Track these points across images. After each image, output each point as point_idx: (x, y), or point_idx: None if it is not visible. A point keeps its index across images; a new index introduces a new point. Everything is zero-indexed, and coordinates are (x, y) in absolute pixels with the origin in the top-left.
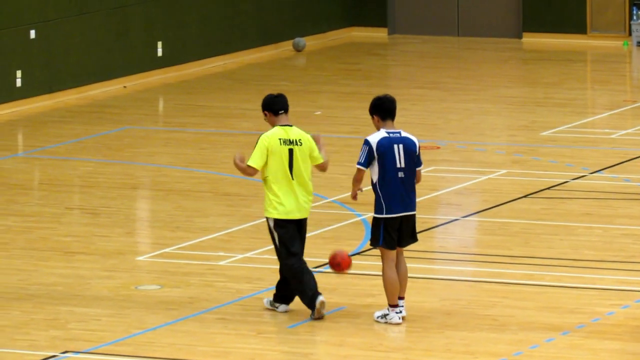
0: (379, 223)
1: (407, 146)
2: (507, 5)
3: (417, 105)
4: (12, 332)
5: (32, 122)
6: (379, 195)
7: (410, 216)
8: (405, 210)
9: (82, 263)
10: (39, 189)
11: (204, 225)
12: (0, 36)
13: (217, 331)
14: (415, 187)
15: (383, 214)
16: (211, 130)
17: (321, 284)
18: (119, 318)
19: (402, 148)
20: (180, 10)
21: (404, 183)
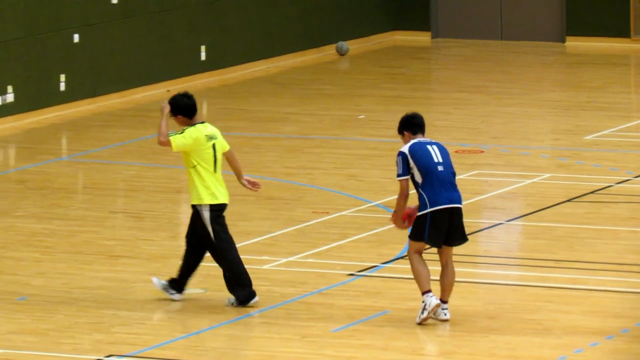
0: (425, 219)
1: (441, 147)
2: (550, 9)
3: (460, 109)
4: (56, 335)
5: (75, 126)
6: (422, 194)
7: (456, 209)
8: (452, 202)
9: (126, 267)
10: (82, 193)
11: (247, 229)
12: (43, 40)
13: (261, 335)
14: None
15: (428, 209)
16: (254, 134)
17: (361, 287)
18: (163, 322)
19: (437, 148)
20: (224, 14)
21: (445, 176)
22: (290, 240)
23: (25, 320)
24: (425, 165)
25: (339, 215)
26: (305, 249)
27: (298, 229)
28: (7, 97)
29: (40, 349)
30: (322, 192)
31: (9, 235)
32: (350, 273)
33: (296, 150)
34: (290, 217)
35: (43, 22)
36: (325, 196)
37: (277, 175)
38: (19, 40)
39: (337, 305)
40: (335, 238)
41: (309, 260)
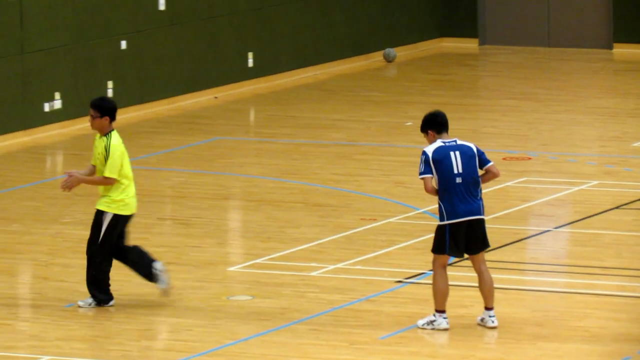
0: (444, 230)
1: (464, 152)
2: (598, 15)
3: (507, 116)
4: (104, 342)
5: (123, 132)
6: (440, 205)
7: (475, 221)
8: (470, 214)
9: (174, 273)
10: None
11: (295, 236)
12: (91, 47)
13: (308, 342)
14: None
15: (445, 221)
16: (302, 140)
17: (409, 295)
18: (210, 328)
19: (459, 154)
20: (271, 20)
21: (463, 188)
22: (338, 247)
23: (74, 327)
24: (445, 177)
25: (387, 222)
26: (353, 255)
27: (346, 236)
28: (55, 104)
29: (88, 355)
30: (369, 199)
31: (57, 242)
32: (398, 280)
33: (344, 157)
34: (338, 224)
35: (91, 28)
36: (373, 203)
37: (325, 182)
38: (67, 47)
39: (384, 312)
40: (383, 245)
41: (357, 267)
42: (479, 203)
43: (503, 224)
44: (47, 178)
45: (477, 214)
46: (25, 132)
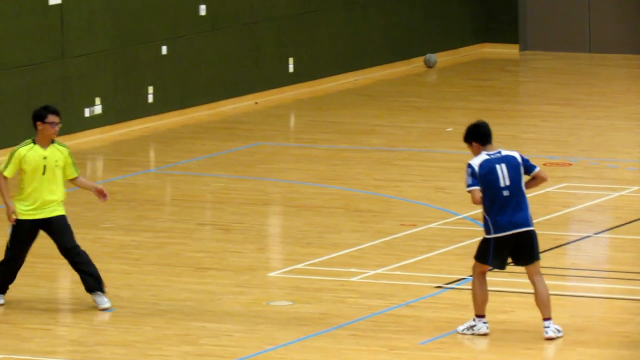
0: (489, 243)
1: (509, 164)
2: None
3: (548, 122)
4: (144, 347)
5: (163, 137)
6: (486, 218)
7: (523, 233)
8: (516, 227)
9: (213, 279)
10: (170, 205)
11: (335, 241)
12: (132, 52)
13: (348, 347)
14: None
15: (492, 234)
16: (342, 146)
17: (449, 300)
18: (250, 334)
19: (505, 167)
20: (312, 26)
21: (510, 201)
22: (378, 252)
23: (113, 332)
24: (492, 191)
25: (427, 228)
26: (393, 261)
27: (386, 242)
28: (95, 109)
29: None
30: (410, 204)
31: (97, 247)
32: (437, 285)
33: (384, 163)
34: (378, 230)
35: (132, 34)
36: (413, 209)
37: (365, 187)
38: (108, 52)
39: (424, 318)
40: (423, 250)
41: (397, 272)
42: (526, 214)
43: (544, 230)
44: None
45: (525, 226)
46: (65, 137)
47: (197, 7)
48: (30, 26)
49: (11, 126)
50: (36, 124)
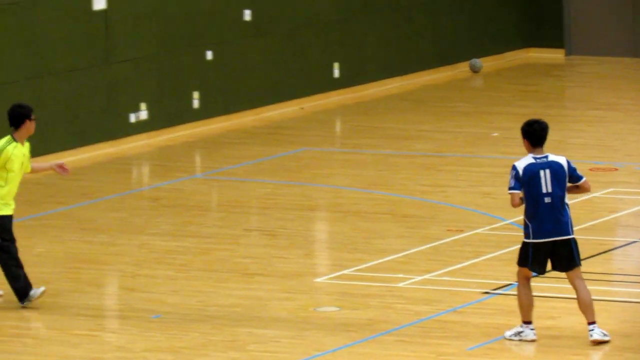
0: (528, 247)
1: (554, 170)
2: None
3: (594, 127)
4: (190, 353)
5: (209, 143)
6: (527, 223)
7: (563, 241)
8: (556, 235)
9: (260, 284)
10: (217, 210)
11: (382, 247)
12: (177, 57)
13: (396, 353)
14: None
15: (531, 239)
16: (388, 151)
17: (496, 306)
18: (297, 340)
19: (549, 173)
20: (357, 31)
21: (551, 208)
22: (424, 258)
23: (160, 338)
24: (533, 196)
25: (474, 233)
26: (439, 267)
27: (433, 247)
28: (141, 115)
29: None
30: (456, 209)
31: (143, 253)
32: (485, 291)
33: (430, 168)
34: (425, 235)
35: (177, 38)
36: (460, 214)
37: (411, 193)
38: (153, 57)
39: (472, 324)
40: (470, 256)
41: (444, 278)
42: (566, 222)
43: (590, 235)
44: (133, 189)
45: (564, 234)
46: (110, 142)
47: (242, 12)
48: (75, 32)
49: (57, 131)
50: (24, 122)
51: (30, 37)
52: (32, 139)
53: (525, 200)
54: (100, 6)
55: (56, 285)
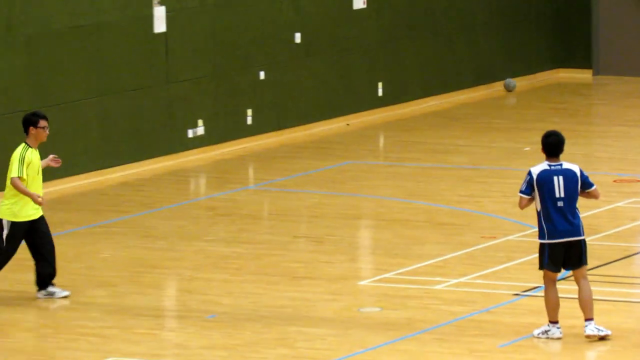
0: (543, 248)
1: (567, 177)
2: None
3: (619, 142)
4: (244, 350)
5: (261, 157)
6: (541, 223)
7: (574, 242)
8: (567, 236)
9: (308, 287)
10: (268, 219)
11: (420, 253)
12: (232, 77)
13: (433, 350)
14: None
15: (546, 240)
16: (427, 164)
17: (526, 306)
18: (342, 338)
19: (562, 179)
20: (400, 53)
21: (563, 212)
22: (460, 262)
23: (216, 336)
24: (547, 200)
25: (505, 240)
26: (474, 270)
27: (467, 253)
28: (198, 130)
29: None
30: (489, 218)
31: (200, 258)
32: (515, 293)
33: (466, 180)
34: (460, 242)
35: (232, 60)
36: (493, 222)
37: (449, 202)
38: (209, 77)
39: (503, 323)
40: (502, 261)
41: (477, 281)
42: (578, 224)
43: (613, 242)
44: (190, 199)
45: (576, 235)
46: (169, 156)
47: (293, 36)
48: (137, 53)
49: (121, 145)
50: (29, 129)
51: (97, 58)
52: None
53: (540, 203)
54: (161, 29)
55: (120, 288)
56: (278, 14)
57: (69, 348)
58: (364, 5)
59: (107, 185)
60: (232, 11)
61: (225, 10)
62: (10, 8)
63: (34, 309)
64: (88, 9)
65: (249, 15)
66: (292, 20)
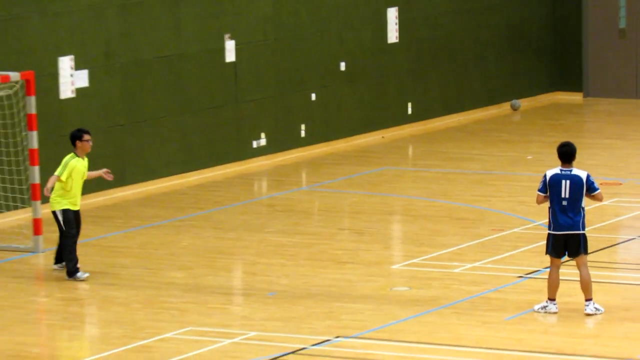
0: (549, 237)
1: (573, 181)
2: None
3: (605, 152)
4: (297, 321)
5: (312, 164)
6: (550, 217)
7: (574, 235)
8: (569, 230)
9: (350, 270)
10: (318, 214)
11: (442, 242)
12: (288, 98)
13: (451, 322)
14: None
15: (551, 231)
16: (448, 170)
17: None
18: (377, 312)
19: (569, 183)
20: (425, 78)
21: (566, 209)
22: (474, 250)
23: (275, 310)
24: (554, 198)
25: (512, 232)
26: (485, 257)
27: (480, 242)
28: (261, 142)
29: (285, 331)
30: (499, 214)
31: (262, 247)
32: (519, 275)
33: (480, 183)
34: (474, 234)
35: (289, 84)
36: (502, 217)
37: (465, 201)
38: (270, 98)
39: (509, 300)
40: (508, 249)
41: (488, 265)
42: (578, 221)
43: (600, 234)
44: (254, 198)
45: (575, 229)
46: (237, 163)
47: (339, 64)
48: (211, 78)
49: (197, 154)
50: (75, 143)
51: (178, 82)
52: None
53: (550, 201)
54: (231, 59)
55: (196, 270)
56: (327, 46)
57: (155, 319)
58: (396, 40)
59: (186, 187)
60: (289, 44)
61: (283, 43)
62: (109, 41)
63: (126, 288)
64: (172, 42)
65: (303, 48)
66: (338, 52)
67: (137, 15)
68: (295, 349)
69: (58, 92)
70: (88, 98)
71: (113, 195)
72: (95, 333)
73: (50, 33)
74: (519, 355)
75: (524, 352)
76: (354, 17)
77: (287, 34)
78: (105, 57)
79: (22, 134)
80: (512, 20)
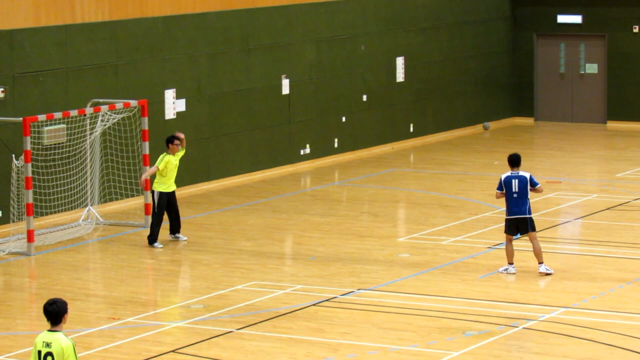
0: (506, 221)
1: (520, 180)
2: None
3: (549, 159)
4: (330, 278)
5: (343, 166)
6: (506, 206)
7: (522, 218)
8: (518, 214)
9: (368, 241)
10: (345, 202)
11: (433, 222)
12: (326, 119)
13: (440, 279)
14: (526, 200)
15: (507, 216)
16: (438, 171)
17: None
18: (386, 272)
19: (518, 181)
20: (422, 106)
21: (517, 200)
22: (457, 229)
23: (314, 270)
24: (508, 193)
25: (483, 216)
26: (464, 233)
27: (461, 223)
28: (306, 150)
29: (321, 285)
30: (475, 203)
31: (306, 224)
32: (489, 246)
33: (461, 180)
34: (457, 216)
35: (327, 109)
36: (477, 205)
37: (450, 193)
38: (313, 120)
39: (481, 264)
40: (481, 228)
41: (467, 239)
42: (525, 208)
43: (545, 217)
44: (301, 190)
45: (524, 214)
46: (289, 165)
47: (362, 96)
48: (272, 105)
49: (261, 158)
50: (168, 145)
51: (248, 108)
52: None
53: (505, 195)
54: (286, 92)
55: (259, 241)
56: (353, 84)
57: (229, 276)
58: (402, 79)
59: (253, 181)
60: (326, 81)
61: (322, 81)
62: (200, 79)
63: (209, 253)
64: (244, 80)
65: (336, 85)
66: (361, 88)
67: (220, 60)
68: (329, 297)
69: (164, 114)
70: (184, 119)
71: (201, 187)
72: (187, 285)
73: (159, 73)
74: (488, 304)
75: (492, 301)
76: (373, 64)
77: (326, 75)
78: (197, 90)
79: (138, 143)
80: (484, 67)
